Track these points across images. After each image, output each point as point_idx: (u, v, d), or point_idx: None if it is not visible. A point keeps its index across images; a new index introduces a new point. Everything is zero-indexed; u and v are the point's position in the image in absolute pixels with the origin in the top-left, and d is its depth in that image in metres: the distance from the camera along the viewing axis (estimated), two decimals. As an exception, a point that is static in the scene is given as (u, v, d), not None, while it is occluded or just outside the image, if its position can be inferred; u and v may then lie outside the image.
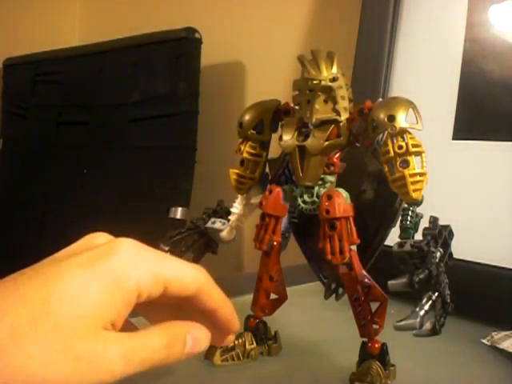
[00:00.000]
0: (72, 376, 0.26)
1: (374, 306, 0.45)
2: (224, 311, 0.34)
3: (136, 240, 0.31)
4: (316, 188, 0.45)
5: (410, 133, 0.42)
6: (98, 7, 1.61)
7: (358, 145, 0.45)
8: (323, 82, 0.44)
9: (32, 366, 0.26)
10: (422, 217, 0.42)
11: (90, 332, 0.27)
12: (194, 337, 0.32)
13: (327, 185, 0.45)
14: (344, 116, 0.45)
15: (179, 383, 0.47)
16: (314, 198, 0.45)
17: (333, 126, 0.45)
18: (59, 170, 1.32)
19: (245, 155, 0.50)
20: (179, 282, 0.31)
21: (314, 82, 0.44)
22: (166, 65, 1.14)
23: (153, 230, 0.41)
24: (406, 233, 0.42)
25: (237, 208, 0.50)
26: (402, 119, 0.42)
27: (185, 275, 0.31)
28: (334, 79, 0.44)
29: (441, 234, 0.41)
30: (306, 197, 0.46)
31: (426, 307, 0.38)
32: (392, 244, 0.41)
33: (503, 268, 0.62)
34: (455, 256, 0.42)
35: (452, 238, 0.42)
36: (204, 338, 0.32)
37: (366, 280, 0.44)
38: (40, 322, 0.26)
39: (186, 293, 0.31)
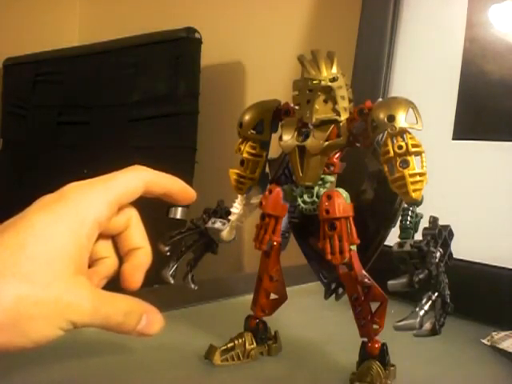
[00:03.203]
0: (54, 315, 0.30)
1: (374, 306, 0.45)
2: (176, 188, 0.39)
3: None
4: (316, 188, 0.45)
5: (409, 133, 0.42)
6: (98, 7, 1.61)
7: (358, 145, 0.45)
8: (323, 82, 0.44)
9: (21, 305, 0.28)
10: (421, 217, 0.42)
11: (68, 275, 0.30)
12: (149, 319, 0.35)
13: (327, 185, 0.45)
14: (344, 116, 0.45)
15: (179, 383, 0.47)
16: (314, 198, 0.45)
17: (333, 126, 0.45)
18: (59, 170, 1.32)
19: (245, 155, 0.49)
20: (128, 193, 0.35)
21: (314, 82, 0.44)
22: (166, 65, 1.14)
23: (153, 230, 0.42)
24: (405, 233, 0.42)
25: (237, 208, 0.50)
26: (402, 119, 0.42)
27: (129, 185, 0.36)
28: (333, 79, 0.44)
29: (441, 234, 0.41)
30: (305, 197, 0.46)
31: (426, 307, 0.38)
32: (392, 244, 0.41)
33: (503, 268, 0.62)
34: (455, 256, 0.42)
35: (452, 238, 0.42)
36: (157, 323, 0.35)
37: (366, 280, 0.44)
38: (22, 264, 0.29)
39: (138, 195, 0.36)
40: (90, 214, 0.33)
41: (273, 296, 0.51)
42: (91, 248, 0.33)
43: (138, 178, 0.36)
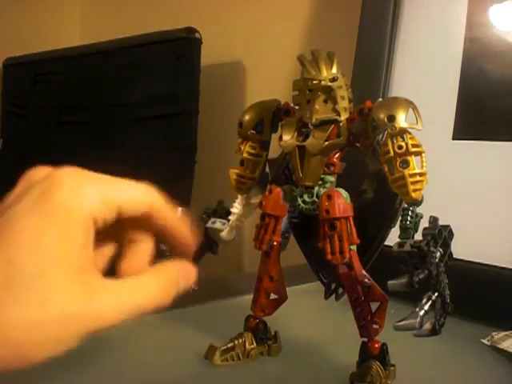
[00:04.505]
0: (60, 332, 0.26)
1: (374, 306, 0.45)
2: (178, 230, 0.33)
3: None
4: (316, 188, 0.45)
5: (409, 133, 0.42)
6: (98, 7, 1.61)
7: (358, 145, 0.45)
8: (323, 82, 0.44)
9: (17, 331, 0.25)
10: (421, 217, 0.42)
11: (70, 282, 0.26)
12: (185, 274, 0.32)
13: (327, 185, 0.45)
14: (344, 116, 0.45)
15: (179, 383, 0.47)
16: (314, 198, 0.45)
17: (333, 126, 0.45)
18: (59, 170, 1.32)
19: (245, 155, 0.50)
20: (130, 202, 0.30)
21: (314, 82, 0.44)
22: (166, 65, 1.14)
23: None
24: (405, 233, 0.42)
25: (237, 208, 0.50)
26: (402, 119, 0.42)
27: (135, 195, 0.31)
28: (333, 79, 0.44)
29: (441, 234, 0.41)
30: (305, 197, 0.46)
31: (426, 307, 0.38)
32: (392, 244, 0.41)
33: (503, 268, 0.62)
34: (455, 256, 0.42)
35: (452, 238, 0.42)
36: (192, 273, 0.32)
37: (366, 280, 0.44)
38: (12, 284, 0.25)
39: (139, 211, 0.31)
40: (83, 207, 0.28)
41: (273, 296, 0.51)
42: (91, 243, 0.29)
43: (144, 196, 0.32)
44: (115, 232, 0.32)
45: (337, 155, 0.45)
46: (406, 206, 0.42)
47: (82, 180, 0.29)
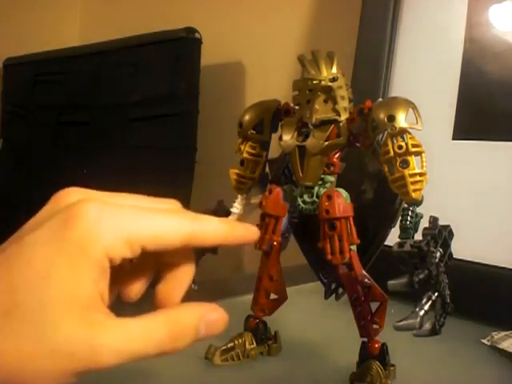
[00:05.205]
0: (52, 369, 0.25)
1: (374, 306, 0.45)
2: (231, 239, 0.31)
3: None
4: (316, 188, 0.45)
5: (409, 133, 0.42)
6: (98, 7, 1.61)
7: (358, 145, 0.45)
8: (323, 82, 0.44)
9: (9, 362, 0.25)
10: (421, 217, 0.42)
11: (70, 319, 0.25)
12: (209, 321, 0.29)
13: (327, 185, 0.45)
14: (344, 116, 0.45)
15: (179, 383, 0.47)
16: (314, 198, 0.45)
17: (333, 125, 0.45)
18: (59, 170, 1.32)
19: (245, 155, 0.50)
20: (158, 238, 0.28)
21: (314, 82, 0.44)
22: (166, 65, 1.14)
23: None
24: (405, 233, 0.42)
25: (237, 208, 0.50)
26: (402, 119, 0.42)
27: (164, 232, 0.28)
28: (333, 79, 0.44)
29: (441, 234, 0.41)
30: (305, 197, 0.46)
31: (426, 307, 0.38)
32: (392, 244, 0.41)
33: (503, 268, 0.62)
34: (455, 256, 0.42)
35: (452, 238, 0.42)
36: (221, 321, 0.29)
37: (366, 280, 0.44)
38: (11, 314, 0.25)
39: (170, 245, 0.29)
40: (99, 244, 0.26)
41: (273, 296, 0.51)
42: (104, 284, 0.27)
43: (176, 229, 0.29)
44: (153, 256, 0.30)
45: (337, 155, 0.45)
46: (405, 206, 0.42)
47: (104, 216, 0.27)
